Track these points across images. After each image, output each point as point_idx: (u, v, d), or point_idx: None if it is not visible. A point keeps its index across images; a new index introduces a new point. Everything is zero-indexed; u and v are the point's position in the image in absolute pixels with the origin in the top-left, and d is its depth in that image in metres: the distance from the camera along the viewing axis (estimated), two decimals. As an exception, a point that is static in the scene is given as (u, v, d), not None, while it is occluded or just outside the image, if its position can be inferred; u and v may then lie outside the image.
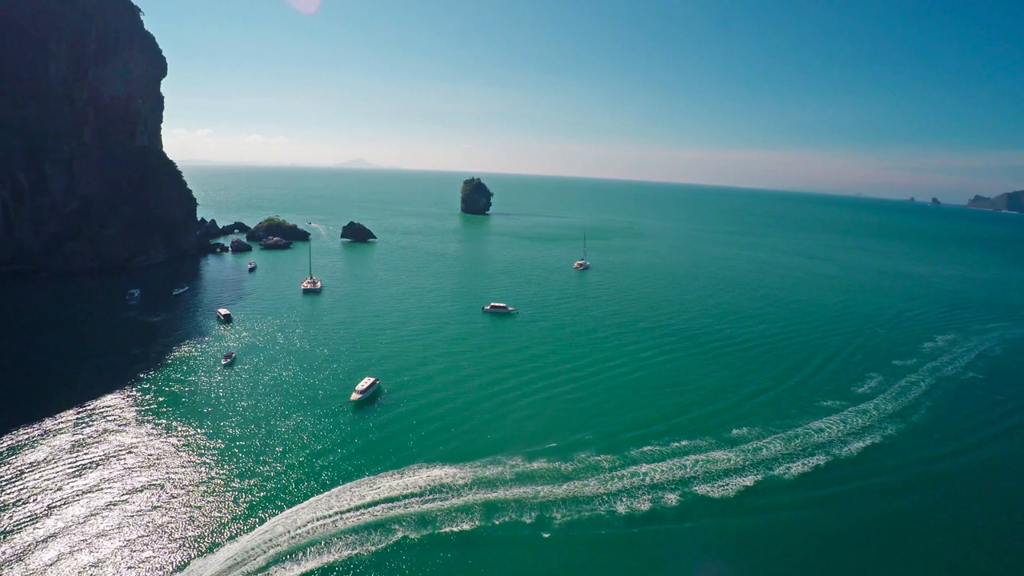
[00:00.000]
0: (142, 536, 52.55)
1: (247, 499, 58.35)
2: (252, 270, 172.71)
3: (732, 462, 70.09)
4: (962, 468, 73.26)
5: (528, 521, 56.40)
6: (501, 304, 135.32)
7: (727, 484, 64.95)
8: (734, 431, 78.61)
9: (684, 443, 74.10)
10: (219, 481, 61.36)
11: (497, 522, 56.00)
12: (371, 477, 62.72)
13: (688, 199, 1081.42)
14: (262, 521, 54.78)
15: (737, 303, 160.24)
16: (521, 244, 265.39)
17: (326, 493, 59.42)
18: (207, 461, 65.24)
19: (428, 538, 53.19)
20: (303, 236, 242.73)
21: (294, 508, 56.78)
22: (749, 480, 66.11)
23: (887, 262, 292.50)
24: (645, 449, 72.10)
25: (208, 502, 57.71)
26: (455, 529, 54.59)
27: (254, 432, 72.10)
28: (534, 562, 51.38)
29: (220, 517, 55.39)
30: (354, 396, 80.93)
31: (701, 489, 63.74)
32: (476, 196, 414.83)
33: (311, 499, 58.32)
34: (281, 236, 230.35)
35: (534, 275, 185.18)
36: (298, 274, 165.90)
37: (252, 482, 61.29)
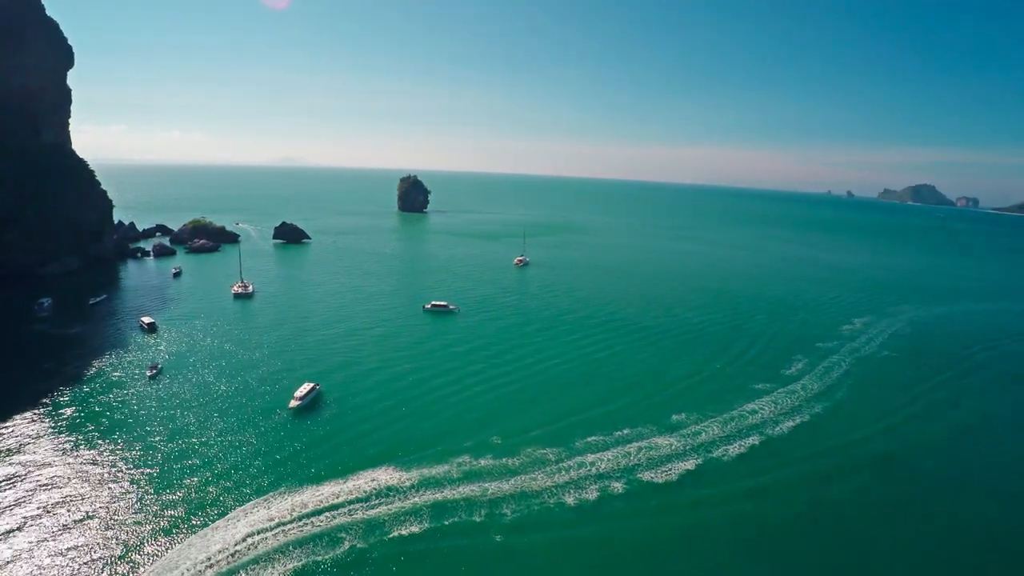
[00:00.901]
0: (57, 562, 48.56)
1: (178, 516, 55.04)
2: (177, 275, 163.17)
3: (674, 447, 72.44)
4: (883, 441, 78.77)
5: (478, 520, 56.11)
6: (442, 302, 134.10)
7: (670, 469, 67.06)
8: (674, 417, 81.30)
9: (627, 431, 75.93)
10: (148, 499, 57.54)
11: (447, 523, 55.39)
12: (314, 486, 60.58)
13: (621, 195, 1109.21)
14: (197, 538, 51.85)
15: (672, 294, 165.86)
16: (461, 242, 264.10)
17: (266, 505, 56.87)
18: (133, 479, 61.05)
19: (377, 544, 51.91)
20: (232, 238, 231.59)
21: (231, 524, 53.98)
22: (691, 464, 68.54)
23: (808, 251, 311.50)
24: (590, 439, 73.31)
25: (135, 522, 54.01)
26: (404, 533, 53.55)
27: (185, 447, 68.11)
28: (487, 561, 51.13)
29: (149, 537, 51.99)
30: (293, 403, 77.92)
31: (646, 476, 65.50)
32: (413, 194, 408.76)
33: (249, 513, 55.64)
34: (208, 238, 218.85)
35: (475, 272, 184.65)
36: (228, 278, 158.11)
37: (184, 499, 57.87)
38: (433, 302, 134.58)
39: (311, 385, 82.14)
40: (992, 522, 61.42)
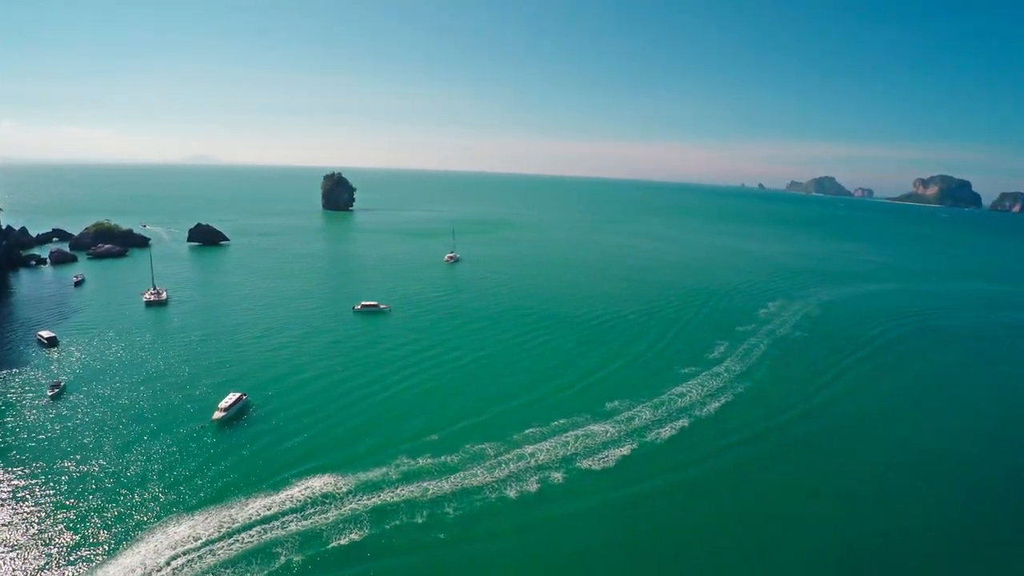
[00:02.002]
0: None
1: (92, 543, 50.87)
2: (79, 284, 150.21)
3: (609, 434, 74.54)
4: (802, 416, 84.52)
5: (420, 521, 55.39)
6: (373, 302, 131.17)
7: (607, 456, 68.97)
8: (607, 404, 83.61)
9: (563, 421, 77.38)
10: (55, 529, 52.77)
11: (388, 527, 54.30)
12: (243, 499, 57.64)
13: (551, 191, 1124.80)
14: (114, 566, 48.10)
15: (601, 285, 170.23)
16: (390, 240, 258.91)
17: (190, 524, 53.53)
18: (37, 509, 55.81)
19: (316, 556, 50.13)
20: (141, 242, 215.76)
21: (152, 547, 50.44)
22: (626, 449, 70.80)
23: (724, 240, 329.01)
24: (527, 431, 74.12)
25: (42, 555, 49.42)
26: (344, 542, 52.01)
27: (97, 470, 63.00)
28: (432, 562, 50.60)
29: (58, 570, 47.77)
30: (217, 415, 73.74)
31: (584, 464, 67.05)
32: (338, 192, 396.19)
33: (172, 533, 52.16)
34: (114, 243, 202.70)
35: (405, 271, 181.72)
36: (138, 285, 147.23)
37: (98, 525, 53.55)
38: (363, 302, 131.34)
39: (236, 395, 78.05)
40: (905, 486, 67.45)
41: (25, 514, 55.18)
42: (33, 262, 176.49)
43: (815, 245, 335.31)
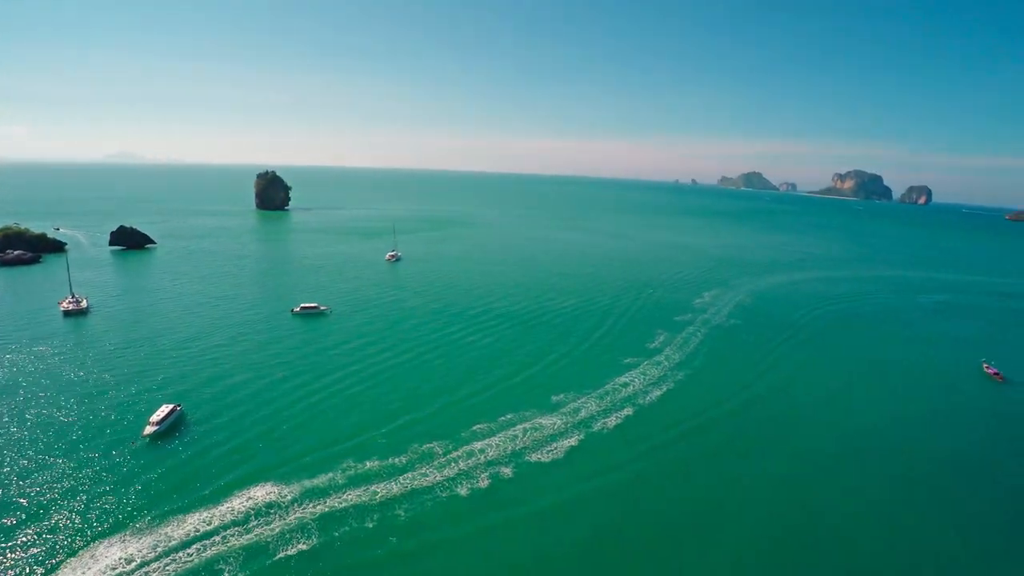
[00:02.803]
0: None
1: (16, 573, 47.26)
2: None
3: (557, 426, 75.70)
4: (742, 399, 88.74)
5: (371, 525, 54.42)
6: (312, 304, 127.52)
7: (556, 448, 70.05)
8: (553, 397, 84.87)
9: (510, 416, 77.92)
10: (-34, 562, 48.65)
11: (337, 534, 53.08)
12: (179, 516, 54.75)
13: (495, 187, 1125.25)
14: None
15: (544, 281, 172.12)
16: (329, 240, 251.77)
17: (121, 545, 50.41)
18: (-56, 541, 51.21)
19: (261, 570, 48.31)
20: (57, 247, 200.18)
21: (80, 573, 47.37)
22: (574, 440, 72.13)
23: (661, 234, 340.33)
24: (476, 428, 74.20)
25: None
26: (291, 552, 50.42)
27: (15, 492, 58.37)
28: (384, 566, 49.85)
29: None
30: (148, 429, 69.68)
31: (533, 457, 67.81)
32: (272, 191, 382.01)
33: (101, 557, 48.95)
34: (25, 248, 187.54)
35: (345, 271, 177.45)
36: (54, 293, 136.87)
37: (19, 553, 49.69)
38: (302, 304, 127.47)
39: (170, 407, 74.05)
40: (841, 455, 71.99)
41: (-70, 547, 50.52)
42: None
43: (745, 237, 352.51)
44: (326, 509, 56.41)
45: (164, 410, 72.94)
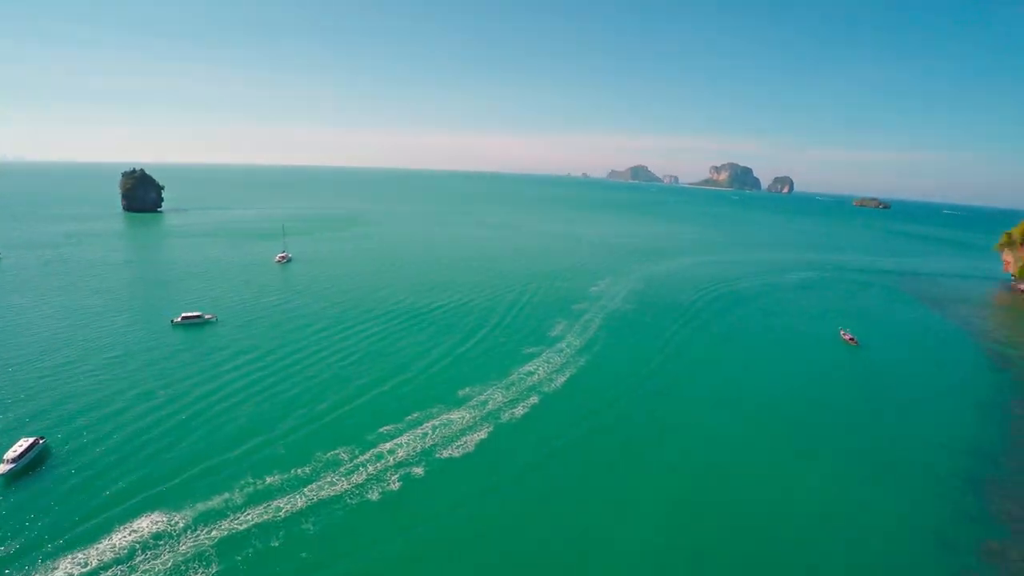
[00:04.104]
0: None
1: None
2: None
3: (466, 420, 75.74)
4: (641, 382, 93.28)
5: (277, 544, 51.26)
6: (195, 313, 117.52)
7: (466, 442, 70.04)
8: (459, 391, 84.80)
9: (417, 414, 76.84)
10: None
11: (240, 557, 49.44)
12: (48, 561, 48.46)
13: (393, 183, 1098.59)
14: None
15: (442, 276, 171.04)
16: (211, 243, 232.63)
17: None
18: None
19: (149, 604, 44.22)
20: None
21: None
22: (484, 433, 72.52)
23: (556, 226, 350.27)
24: (382, 429, 72.32)
25: None
26: (185, 581, 46.54)
27: None
28: (288, 582, 47.39)
29: None
30: (3, 468, 60.77)
31: (444, 453, 67.35)
32: (142, 191, 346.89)
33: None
34: None
35: (231, 276, 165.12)
36: None
37: None
38: (184, 314, 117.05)
39: (30, 440, 64.89)
40: (733, 418, 77.94)
41: None
42: None
43: (635, 227, 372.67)
44: (224, 533, 52.45)
45: (22, 445, 63.94)
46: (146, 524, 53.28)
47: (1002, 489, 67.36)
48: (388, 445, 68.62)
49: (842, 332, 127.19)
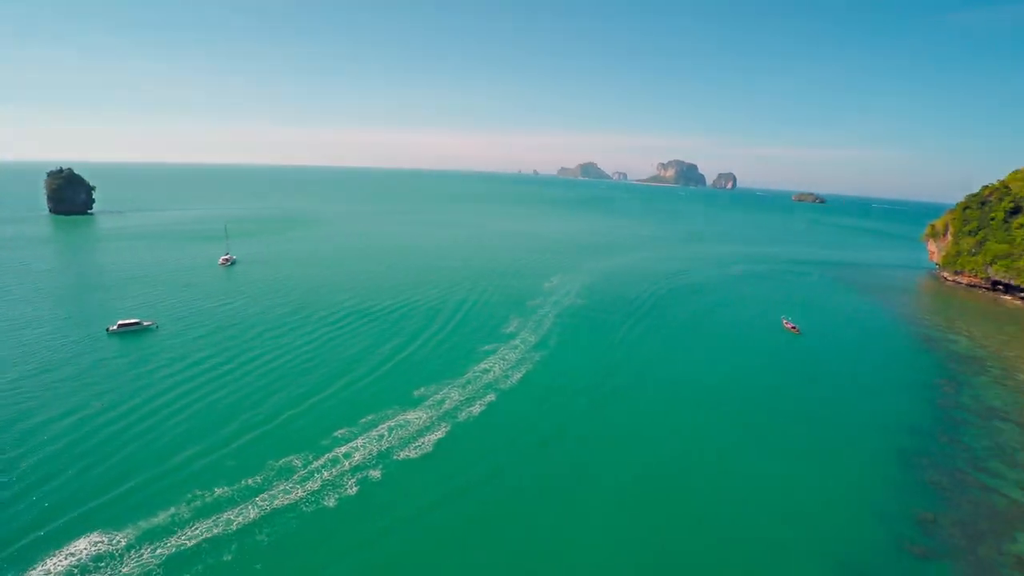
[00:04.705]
0: None
1: None
2: None
3: (422, 420, 74.89)
4: (598, 376, 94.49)
5: (229, 558, 49.19)
6: (133, 320, 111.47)
7: (424, 442, 69.25)
8: (415, 391, 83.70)
9: (372, 416, 75.40)
10: None
11: (189, 575, 47.50)
12: (-25, 588, 45.38)
13: (338, 181, 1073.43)
14: None
15: (392, 275, 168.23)
16: (148, 246, 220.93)
17: None
18: None
19: (90, 628, 41.74)
20: None
21: None
22: (442, 432, 71.89)
23: (507, 224, 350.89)
24: (336, 433, 70.62)
25: None
26: (128, 602, 44.15)
27: None
28: (241, 596, 45.69)
29: None
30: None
31: (402, 455, 66.37)
32: (70, 192, 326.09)
33: None
34: None
35: (172, 280, 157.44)
36: None
37: None
38: (120, 321, 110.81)
39: (-55, 460, 60.39)
40: (688, 406, 79.94)
41: None
42: None
43: (585, 223, 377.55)
44: (172, 550, 49.99)
45: (-62, 465, 59.34)
46: (84, 546, 50.26)
47: (931, 462, 71.94)
48: (343, 449, 67.14)
49: (784, 321, 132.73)
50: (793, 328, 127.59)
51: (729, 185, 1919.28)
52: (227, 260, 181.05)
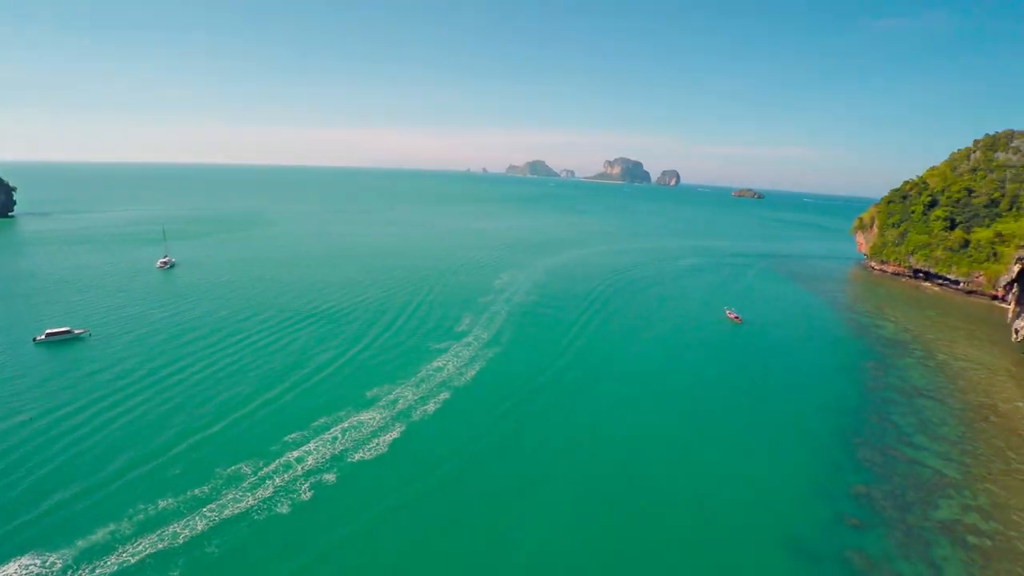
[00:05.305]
0: None
1: None
2: None
3: (377, 420, 73.88)
4: (554, 371, 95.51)
5: (176, 574, 47.12)
6: (63, 328, 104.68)
7: (379, 443, 68.31)
8: (368, 392, 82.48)
9: (325, 418, 73.90)
10: None
11: (130, 590, 45.24)
12: None
13: (292, 182, 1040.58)
14: None
15: (342, 275, 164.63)
16: (79, 250, 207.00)
17: None
18: None
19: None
20: None
21: None
22: (397, 432, 71.10)
23: (456, 221, 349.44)
24: (288, 438, 68.71)
25: None
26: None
27: None
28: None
29: None
30: None
31: (356, 457, 65.28)
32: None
33: None
34: None
35: (106, 285, 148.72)
36: None
37: None
38: (48, 330, 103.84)
39: None
40: (639, 396, 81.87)
41: None
42: None
43: (534, 220, 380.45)
44: (112, 569, 47.41)
45: None
46: (14, 570, 47.13)
47: (864, 439, 76.57)
48: (295, 453, 65.46)
49: (727, 311, 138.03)
50: (736, 318, 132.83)
51: (673, 182, 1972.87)
52: (166, 263, 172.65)
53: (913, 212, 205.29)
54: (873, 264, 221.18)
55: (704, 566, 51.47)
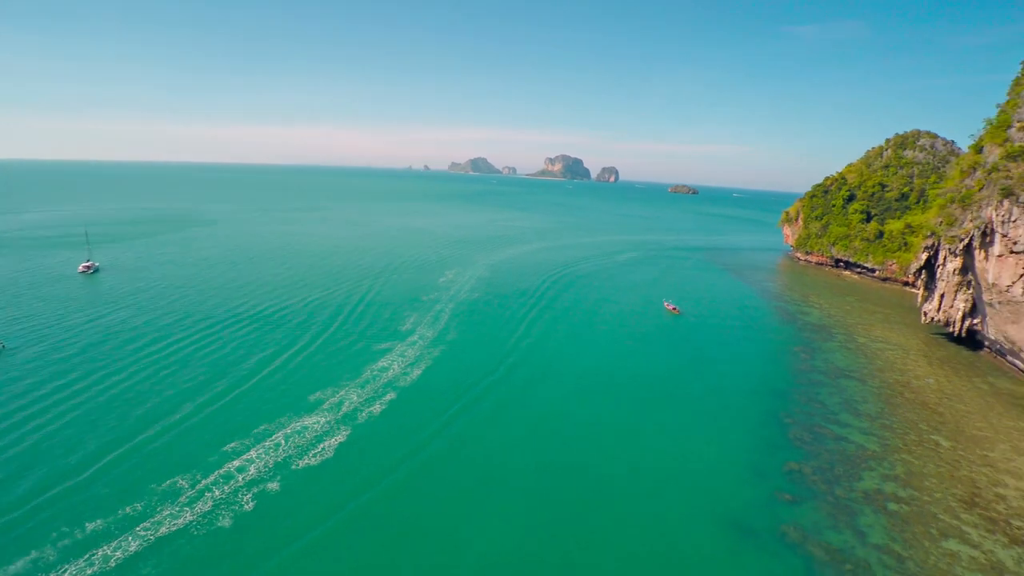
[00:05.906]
0: None
1: None
2: None
3: (321, 424, 71.90)
4: (500, 368, 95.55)
5: (104, 593, 44.62)
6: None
7: (324, 448, 66.51)
8: (311, 396, 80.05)
9: (266, 425, 71.19)
10: None
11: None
12: None
13: (214, 179, 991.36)
14: None
15: (278, 276, 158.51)
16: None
17: None
18: None
19: None
20: None
21: None
22: (343, 436, 69.42)
23: (396, 220, 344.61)
24: (227, 447, 65.77)
25: None
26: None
27: None
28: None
29: None
30: None
31: (302, 463, 63.30)
32: None
33: None
34: None
35: (19, 292, 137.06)
36: None
37: None
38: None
39: None
40: (587, 388, 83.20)
41: None
42: None
43: (477, 217, 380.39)
44: (33, 595, 44.29)
45: None
46: (-81, 605, 43.15)
47: (794, 419, 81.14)
48: (236, 463, 62.85)
49: (666, 303, 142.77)
50: (674, 309, 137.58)
51: (612, 179, 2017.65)
52: (88, 267, 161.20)
53: (834, 206, 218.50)
54: (799, 255, 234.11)
55: (650, 546, 53.22)
